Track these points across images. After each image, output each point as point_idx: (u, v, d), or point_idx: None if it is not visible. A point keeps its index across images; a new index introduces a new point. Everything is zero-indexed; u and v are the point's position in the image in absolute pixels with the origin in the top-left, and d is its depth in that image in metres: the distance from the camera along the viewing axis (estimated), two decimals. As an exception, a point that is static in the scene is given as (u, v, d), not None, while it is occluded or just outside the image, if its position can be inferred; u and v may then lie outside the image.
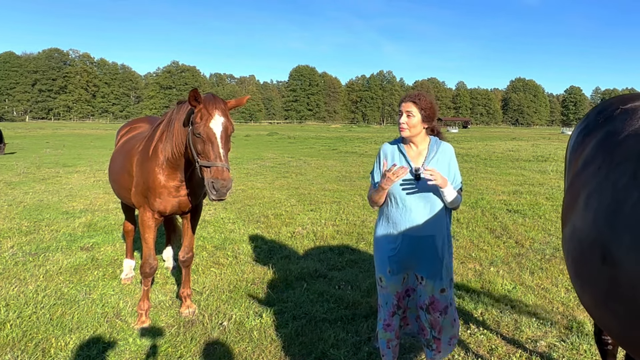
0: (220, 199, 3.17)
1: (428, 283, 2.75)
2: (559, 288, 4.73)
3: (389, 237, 2.78)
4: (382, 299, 2.87)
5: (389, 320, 2.84)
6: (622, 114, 2.10)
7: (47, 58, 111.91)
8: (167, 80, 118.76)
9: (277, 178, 13.43)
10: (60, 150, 23.18)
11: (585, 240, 1.72)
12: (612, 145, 1.93)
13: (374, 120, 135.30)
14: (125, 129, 5.00)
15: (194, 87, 3.34)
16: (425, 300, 2.76)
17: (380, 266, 2.84)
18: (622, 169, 1.71)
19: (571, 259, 1.87)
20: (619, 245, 1.51)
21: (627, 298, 1.47)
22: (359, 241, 6.50)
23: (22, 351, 3.40)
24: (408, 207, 2.72)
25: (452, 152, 2.84)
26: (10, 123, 76.89)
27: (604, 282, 1.58)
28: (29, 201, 9.27)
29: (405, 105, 2.74)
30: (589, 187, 1.86)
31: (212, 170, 3.18)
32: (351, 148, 27.14)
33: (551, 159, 19.36)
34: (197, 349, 3.51)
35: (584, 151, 2.14)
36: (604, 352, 2.62)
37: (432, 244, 2.73)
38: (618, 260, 1.51)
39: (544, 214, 8.27)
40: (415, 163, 2.76)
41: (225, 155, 3.25)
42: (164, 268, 5.33)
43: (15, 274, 5.01)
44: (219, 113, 3.26)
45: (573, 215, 1.91)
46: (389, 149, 2.86)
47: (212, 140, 3.22)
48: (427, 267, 2.74)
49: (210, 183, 3.15)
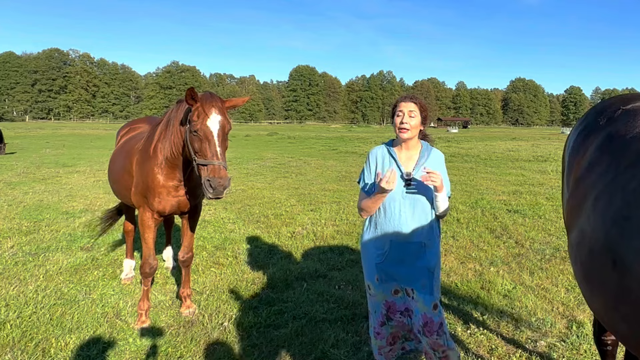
0: (217, 197, 3.15)
1: (419, 297, 2.64)
2: (559, 288, 4.72)
3: (376, 243, 2.70)
4: (371, 306, 2.81)
5: (378, 329, 2.79)
6: (624, 114, 2.08)
7: (47, 58, 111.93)
8: (167, 80, 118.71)
9: (277, 178, 13.43)
10: (60, 150, 23.18)
11: (594, 245, 1.69)
12: (618, 147, 1.91)
13: (374, 121, 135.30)
14: (126, 129, 5.00)
15: (191, 87, 3.33)
16: (420, 321, 2.64)
17: (368, 273, 2.78)
18: (631, 172, 1.69)
19: (580, 263, 1.84)
20: (630, 249, 1.50)
21: (639, 302, 1.45)
22: (359, 241, 6.49)
23: (22, 351, 3.40)
24: (396, 213, 2.64)
25: (443, 159, 2.78)
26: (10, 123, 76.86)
27: (615, 286, 1.56)
28: (29, 201, 9.27)
29: (406, 104, 2.66)
30: (596, 190, 1.83)
31: (208, 168, 3.16)
32: (351, 148, 27.14)
33: (551, 159, 19.36)
34: (197, 349, 3.51)
35: (586, 153, 2.12)
36: (603, 352, 2.61)
37: (421, 251, 2.64)
38: (628, 264, 1.49)
39: (544, 214, 8.27)
40: (406, 168, 2.68)
41: (222, 154, 3.23)
42: (164, 268, 5.33)
43: (15, 274, 5.01)
44: (216, 111, 3.25)
45: (580, 220, 1.88)
46: (379, 153, 2.77)
47: (209, 138, 3.21)
48: (415, 277, 2.64)
49: (206, 181, 3.13)
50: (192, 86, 3.37)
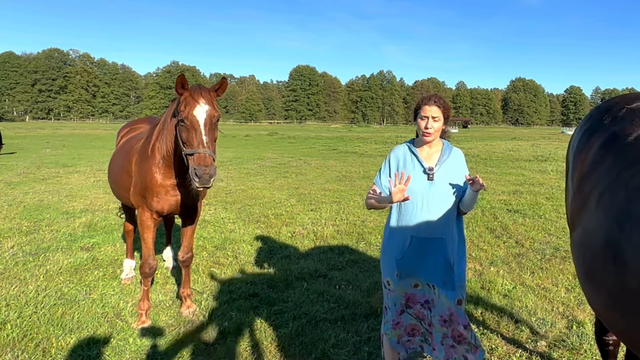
0: (204, 186, 3.13)
1: (441, 293, 2.66)
2: (559, 288, 4.72)
3: (397, 238, 2.73)
4: (390, 301, 2.80)
5: (397, 319, 2.78)
6: (629, 113, 2.09)
7: (47, 58, 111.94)
8: (167, 80, 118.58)
9: (277, 178, 13.43)
10: (60, 151, 23.18)
11: (597, 242, 1.70)
12: (622, 146, 1.92)
13: (374, 120, 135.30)
14: (126, 129, 5.01)
15: (181, 73, 3.31)
16: (445, 312, 2.67)
17: (388, 269, 2.78)
18: (634, 169, 1.71)
19: (582, 261, 1.84)
20: (629, 244, 1.50)
21: (638, 299, 1.46)
22: (359, 241, 6.50)
23: (23, 351, 3.40)
24: (418, 208, 2.67)
25: (463, 157, 2.85)
26: (10, 123, 76.87)
27: (615, 282, 1.56)
28: (29, 201, 9.27)
29: (430, 109, 2.67)
30: (599, 188, 1.84)
31: (195, 157, 3.16)
32: (351, 148, 27.14)
33: (551, 158, 19.35)
34: (197, 349, 3.51)
35: (590, 152, 2.12)
36: (605, 352, 2.61)
37: (442, 247, 2.67)
38: (628, 260, 1.50)
39: (544, 213, 8.27)
40: (428, 164, 2.72)
41: (209, 142, 3.21)
42: (164, 268, 5.33)
43: (16, 274, 5.01)
44: (203, 101, 3.25)
45: (584, 217, 1.89)
46: (400, 151, 2.82)
47: (195, 127, 3.20)
48: (436, 272, 2.66)
49: (193, 170, 3.12)
50: (182, 73, 3.34)
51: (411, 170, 2.71)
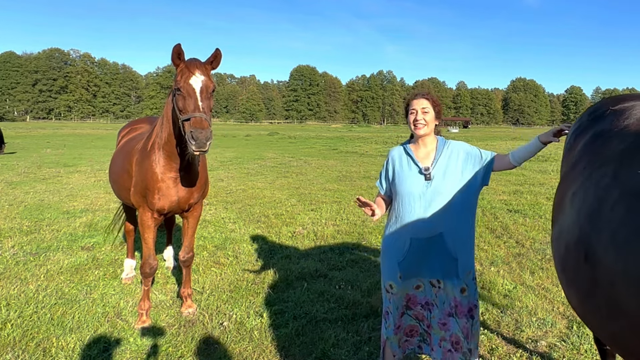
0: (200, 149, 3.14)
1: (446, 284, 2.65)
2: (559, 288, 4.72)
3: (397, 241, 2.71)
4: (392, 305, 2.76)
5: (399, 322, 2.76)
6: (610, 114, 2.13)
7: (47, 58, 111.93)
8: (167, 80, 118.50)
9: (277, 178, 13.44)
10: (61, 150, 23.19)
11: (570, 239, 1.76)
12: (598, 145, 1.97)
13: (374, 120, 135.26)
14: (127, 129, 5.01)
15: (178, 43, 3.34)
16: (451, 304, 2.65)
17: (389, 273, 2.75)
18: (604, 169, 1.75)
19: (557, 257, 1.90)
20: (599, 243, 1.55)
21: (606, 295, 1.50)
22: (359, 241, 6.50)
23: (23, 351, 3.40)
24: (417, 210, 2.65)
25: (464, 145, 2.79)
26: (10, 123, 76.83)
27: (586, 280, 1.61)
28: (29, 201, 9.28)
29: (418, 102, 2.70)
30: (573, 187, 1.90)
31: (191, 121, 3.18)
32: (352, 148, 27.15)
33: (551, 159, 19.36)
34: (197, 349, 3.51)
35: (574, 152, 2.18)
36: (603, 352, 2.62)
37: (442, 243, 2.64)
38: (598, 259, 1.54)
39: (545, 213, 8.26)
40: (424, 163, 2.71)
41: (205, 109, 3.26)
42: (165, 268, 5.34)
43: (16, 274, 5.02)
44: (199, 72, 3.31)
45: (560, 215, 1.95)
46: (396, 153, 2.83)
47: (191, 94, 3.25)
48: (439, 267, 2.65)
49: (189, 133, 3.14)
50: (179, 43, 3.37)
51: (407, 172, 2.71)
